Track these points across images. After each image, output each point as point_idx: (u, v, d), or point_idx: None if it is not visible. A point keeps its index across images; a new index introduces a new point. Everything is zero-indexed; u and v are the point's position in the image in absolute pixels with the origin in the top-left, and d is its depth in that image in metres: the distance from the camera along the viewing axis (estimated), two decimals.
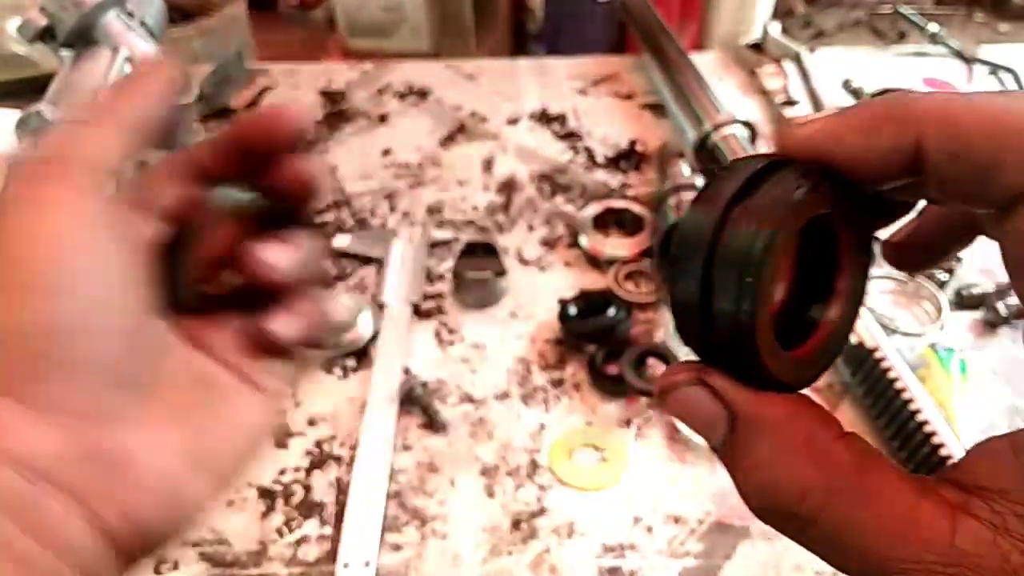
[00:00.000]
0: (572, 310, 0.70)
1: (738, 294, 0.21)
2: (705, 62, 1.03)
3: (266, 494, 0.59)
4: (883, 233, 0.27)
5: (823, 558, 0.22)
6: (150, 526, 0.25)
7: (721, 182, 0.23)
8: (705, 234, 0.22)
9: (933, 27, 1.08)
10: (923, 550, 0.19)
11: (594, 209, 0.82)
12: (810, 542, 0.22)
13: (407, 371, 0.68)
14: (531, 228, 0.82)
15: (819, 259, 0.24)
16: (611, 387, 0.65)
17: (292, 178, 0.29)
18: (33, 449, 0.23)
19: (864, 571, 0.21)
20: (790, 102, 0.96)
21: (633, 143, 0.94)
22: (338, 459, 0.62)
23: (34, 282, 0.24)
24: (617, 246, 0.78)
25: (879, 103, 0.22)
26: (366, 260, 0.79)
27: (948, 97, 0.21)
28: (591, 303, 0.70)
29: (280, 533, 0.57)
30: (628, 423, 0.64)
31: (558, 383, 0.67)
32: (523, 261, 0.79)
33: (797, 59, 1.02)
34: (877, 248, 0.26)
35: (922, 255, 0.27)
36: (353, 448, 0.62)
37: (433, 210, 0.85)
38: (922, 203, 0.25)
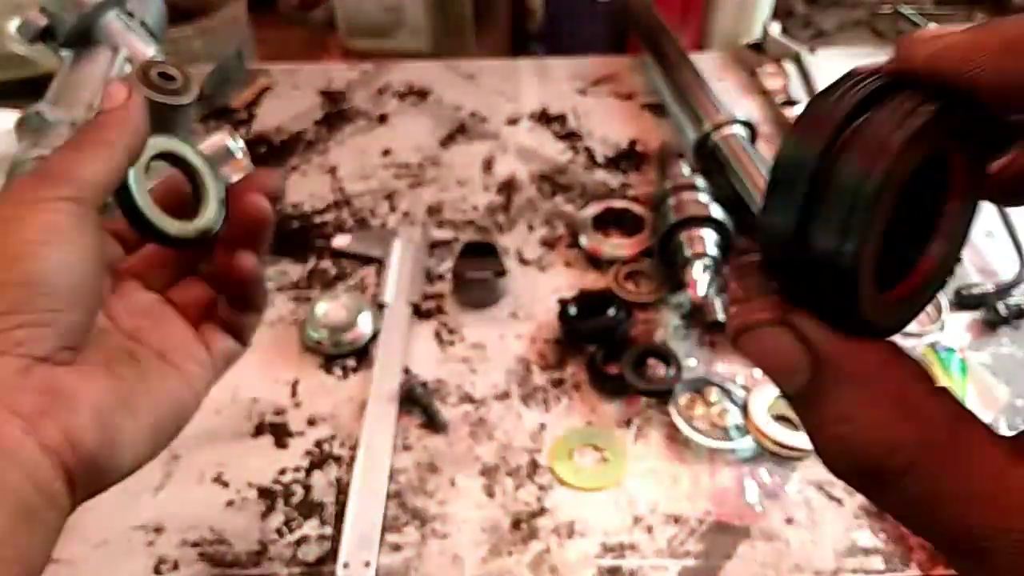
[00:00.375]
0: (572, 310, 0.70)
1: (843, 232, 0.19)
2: (705, 62, 1.03)
3: (266, 494, 0.59)
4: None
5: (902, 520, 0.21)
6: (88, 452, 0.30)
7: (831, 100, 0.20)
8: (810, 159, 0.20)
9: (933, 27, 1.08)
10: (1010, 517, 0.18)
11: (594, 209, 0.82)
12: (891, 502, 0.20)
13: (407, 371, 0.68)
14: (531, 228, 0.82)
15: (925, 191, 0.22)
16: (611, 387, 0.65)
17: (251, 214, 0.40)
18: None
19: (943, 534, 0.20)
20: (790, 102, 0.96)
21: (633, 143, 0.94)
22: (338, 459, 0.62)
23: (16, 266, 0.30)
24: (617, 246, 0.78)
25: (1017, 23, 0.19)
26: (366, 260, 0.79)
27: None
28: (591, 303, 0.70)
29: (280, 533, 0.57)
30: (628, 423, 0.64)
31: (558, 383, 0.67)
32: (523, 261, 0.79)
33: (797, 59, 1.02)
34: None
35: (1013, 191, 0.24)
36: (353, 448, 0.62)
37: (433, 210, 0.85)
38: None
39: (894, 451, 0.20)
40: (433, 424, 0.64)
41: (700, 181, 0.78)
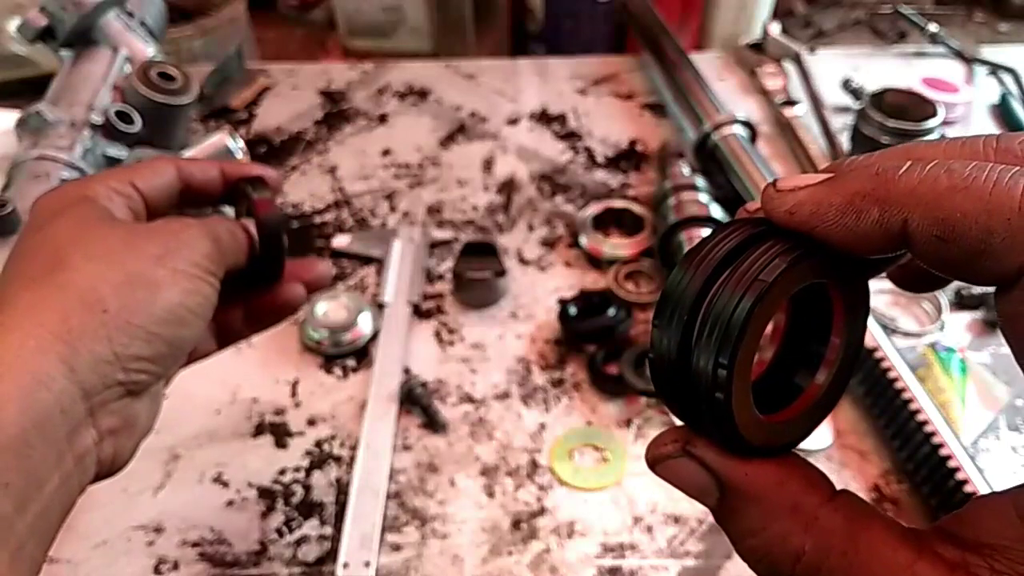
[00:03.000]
0: (572, 310, 0.70)
1: (716, 360, 0.22)
2: (705, 62, 1.03)
3: (266, 494, 0.59)
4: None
5: None
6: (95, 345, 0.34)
7: (712, 243, 0.23)
8: (689, 295, 0.22)
9: (933, 27, 1.08)
10: None
11: (594, 209, 0.82)
12: None
13: (407, 371, 0.68)
14: (531, 228, 0.82)
15: (811, 320, 0.25)
16: (611, 387, 0.66)
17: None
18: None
19: None
20: (790, 102, 0.96)
21: (633, 143, 0.94)
22: (338, 459, 0.62)
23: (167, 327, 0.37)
24: (617, 246, 0.78)
25: (864, 178, 0.21)
26: (366, 260, 0.79)
27: (931, 175, 0.20)
28: (591, 303, 0.70)
29: (280, 533, 0.57)
30: (628, 423, 0.64)
31: (558, 383, 0.67)
32: (523, 261, 0.79)
33: (797, 59, 1.02)
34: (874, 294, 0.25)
35: (926, 282, 0.26)
36: (353, 448, 0.62)
37: (433, 210, 0.85)
38: None
39: (796, 560, 0.21)
40: (433, 424, 0.64)
41: (700, 181, 0.78)
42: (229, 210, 0.47)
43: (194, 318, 0.37)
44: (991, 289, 0.20)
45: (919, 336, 0.69)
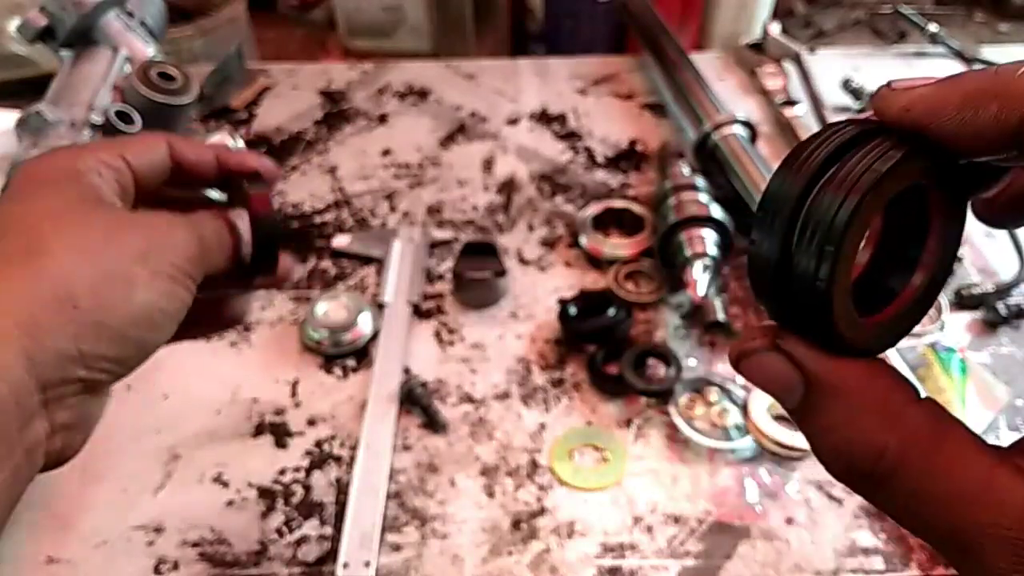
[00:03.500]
0: (572, 310, 0.70)
1: (818, 261, 0.22)
2: (705, 62, 1.03)
3: (266, 494, 0.59)
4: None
5: (897, 519, 0.22)
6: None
7: (814, 145, 0.23)
8: (791, 195, 0.22)
9: (933, 27, 1.08)
10: (998, 514, 0.19)
11: (594, 209, 0.82)
12: (884, 503, 0.22)
13: (407, 371, 0.68)
14: (531, 228, 0.82)
15: (908, 225, 0.24)
16: (611, 387, 0.65)
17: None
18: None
19: (937, 533, 0.21)
20: (790, 102, 0.96)
21: (633, 143, 0.94)
22: (338, 459, 0.62)
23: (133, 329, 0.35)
24: (617, 246, 0.78)
25: (983, 76, 0.21)
26: (366, 260, 0.79)
27: None
28: (591, 303, 0.70)
29: (280, 533, 0.57)
30: (628, 423, 0.64)
31: (558, 383, 0.67)
32: (523, 261, 0.79)
33: (797, 59, 1.02)
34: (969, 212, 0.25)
35: (1013, 213, 0.26)
36: (353, 448, 0.62)
37: (433, 210, 0.85)
38: None
39: (880, 456, 0.21)
40: (433, 424, 0.64)
41: (700, 181, 0.78)
42: (215, 194, 0.45)
43: (167, 321, 0.36)
44: (991, 289, 0.21)
45: (919, 336, 0.69)
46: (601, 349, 0.67)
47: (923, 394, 0.23)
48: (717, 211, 0.73)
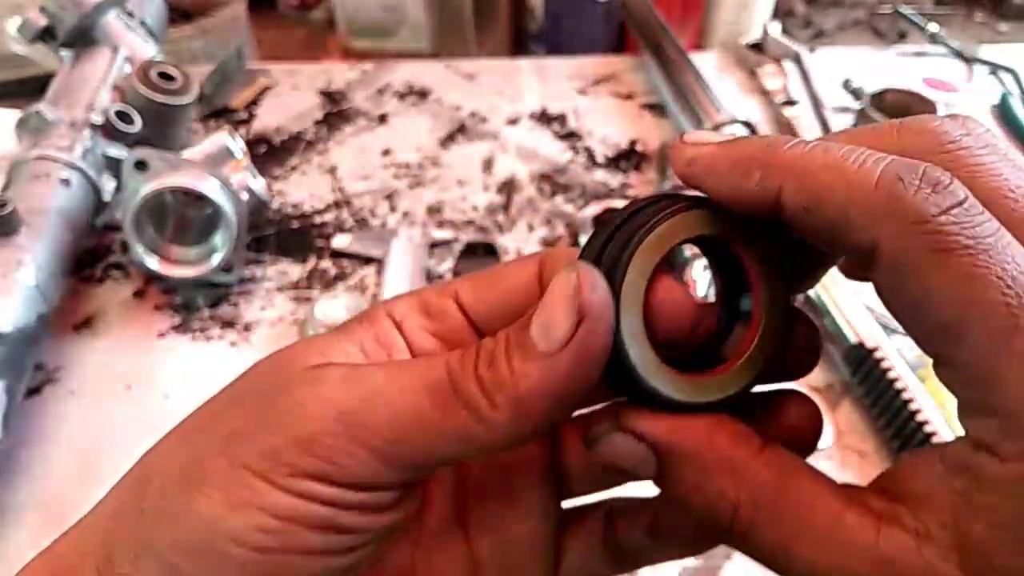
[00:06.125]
0: None
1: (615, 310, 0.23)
2: (705, 62, 1.03)
3: None
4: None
5: (767, 567, 0.22)
6: None
7: (620, 210, 0.25)
8: (592, 252, 0.24)
9: (933, 27, 1.08)
10: (847, 556, 0.20)
11: (594, 209, 0.82)
12: (752, 555, 0.22)
13: None
14: (531, 228, 0.82)
15: (735, 282, 0.26)
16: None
17: None
18: None
19: None
20: (790, 102, 0.96)
21: (633, 143, 0.94)
22: None
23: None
24: None
25: (757, 145, 0.23)
26: (366, 260, 0.79)
27: (810, 151, 0.21)
28: None
29: None
30: None
31: None
32: None
33: (797, 59, 1.02)
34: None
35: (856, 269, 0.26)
36: None
37: (433, 210, 0.85)
38: None
39: (733, 513, 0.22)
40: None
41: None
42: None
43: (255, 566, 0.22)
44: None
45: None
46: None
47: (839, 428, 0.23)
48: None
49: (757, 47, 1.07)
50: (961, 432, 0.20)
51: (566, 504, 0.30)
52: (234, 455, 0.22)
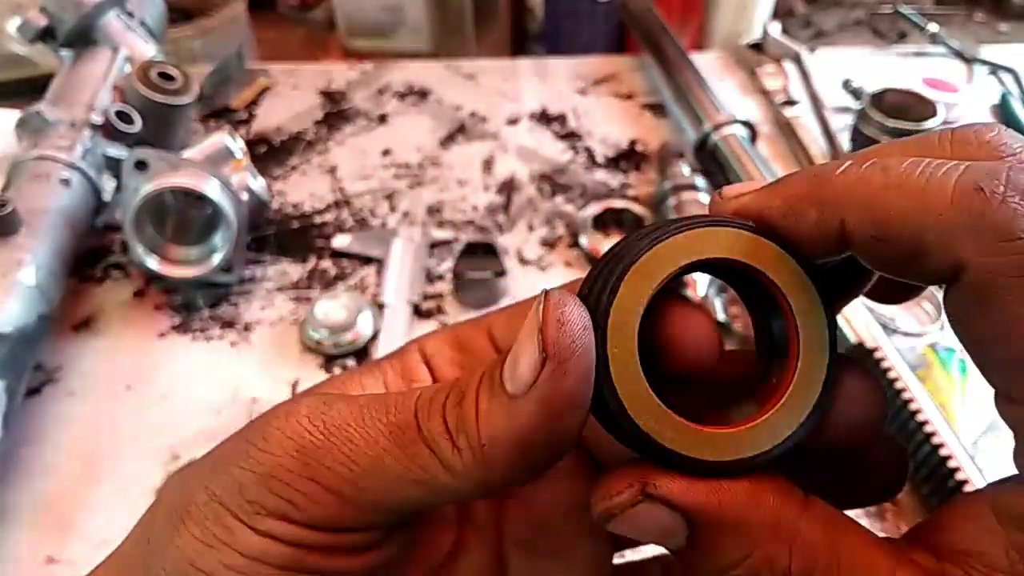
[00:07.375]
0: None
1: (601, 344, 0.20)
2: (705, 62, 1.03)
3: None
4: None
5: None
6: None
7: (624, 238, 0.23)
8: (584, 286, 0.22)
9: (933, 27, 1.08)
10: None
11: (594, 209, 0.82)
12: None
13: None
14: (531, 228, 0.82)
15: (768, 326, 0.23)
16: None
17: None
18: None
19: None
20: (790, 102, 0.96)
21: (633, 143, 0.94)
22: None
23: None
24: None
25: (802, 180, 0.20)
26: (366, 260, 0.79)
27: (866, 174, 0.19)
28: None
29: None
30: None
31: None
32: (523, 261, 0.79)
33: (797, 59, 1.02)
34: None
35: (896, 291, 0.24)
36: None
37: (433, 210, 0.85)
38: None
39: None
40: None
41: (700, 181, 0.78)
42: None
43: None
44: None
45: (919, 336, 0.68)
46: None
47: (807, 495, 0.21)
48: None
49: (757, 47, 1.06)
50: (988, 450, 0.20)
51: (618, 559, 0.27)
52: (211, 489, 0.22)
